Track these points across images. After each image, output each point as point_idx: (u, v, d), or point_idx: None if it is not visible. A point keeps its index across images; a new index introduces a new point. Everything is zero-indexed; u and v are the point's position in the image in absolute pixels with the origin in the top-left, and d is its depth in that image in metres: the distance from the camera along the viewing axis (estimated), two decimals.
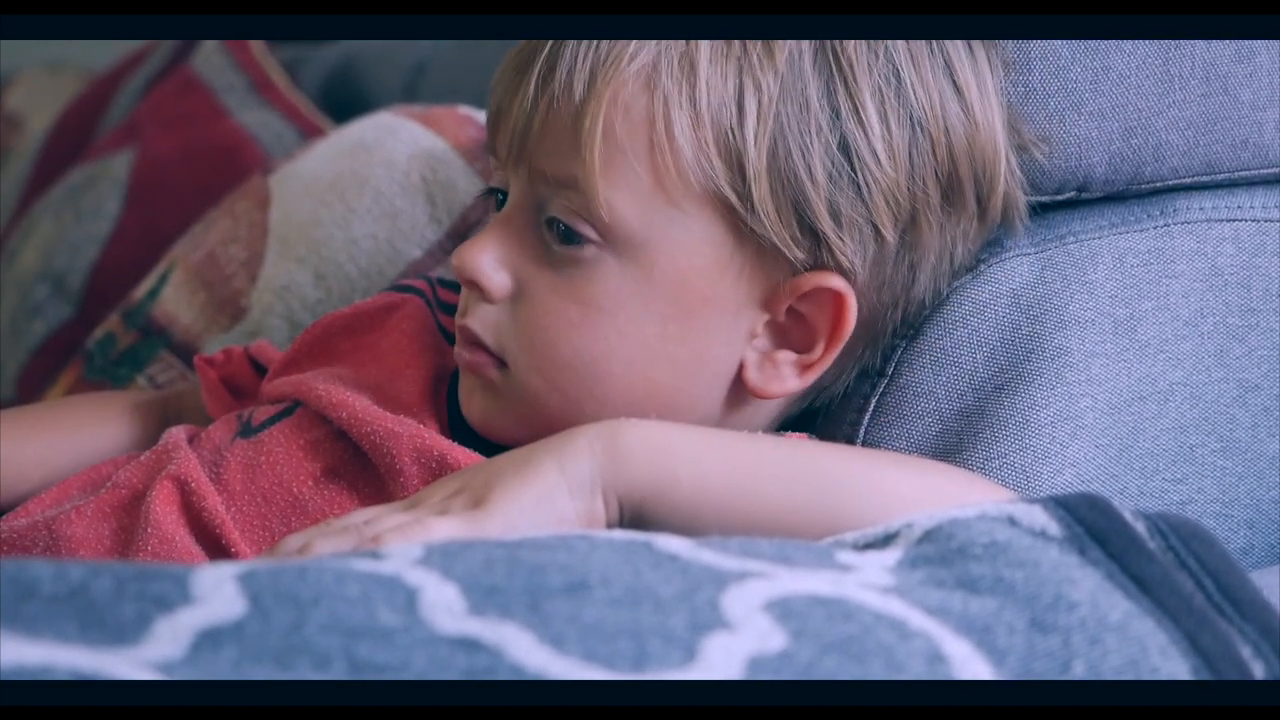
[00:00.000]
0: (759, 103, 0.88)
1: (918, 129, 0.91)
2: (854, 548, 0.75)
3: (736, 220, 0.90)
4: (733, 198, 0.89)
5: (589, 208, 0.89)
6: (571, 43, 0.89)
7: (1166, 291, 1.00)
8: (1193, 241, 1.01)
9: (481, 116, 1.23)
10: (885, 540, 0.75)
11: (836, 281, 0.91)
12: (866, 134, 0.89)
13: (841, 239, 0.90)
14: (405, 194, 1.18)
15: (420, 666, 0.59)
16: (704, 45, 0.88)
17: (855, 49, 0.89)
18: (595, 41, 0.89)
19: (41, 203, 1.59)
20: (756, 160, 0.88)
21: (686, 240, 0.90)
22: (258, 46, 1.61)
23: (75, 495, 0.96)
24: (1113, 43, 0.98)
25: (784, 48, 0.88)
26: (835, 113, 0.89)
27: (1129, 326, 0.99)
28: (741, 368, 0.93)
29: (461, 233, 1.16)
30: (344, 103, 1.57)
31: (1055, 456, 0.95)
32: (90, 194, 1.51)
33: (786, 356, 0.94)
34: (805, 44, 0.89)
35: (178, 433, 0.98)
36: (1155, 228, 1.01)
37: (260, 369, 1.06)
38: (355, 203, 1.19)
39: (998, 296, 0.98)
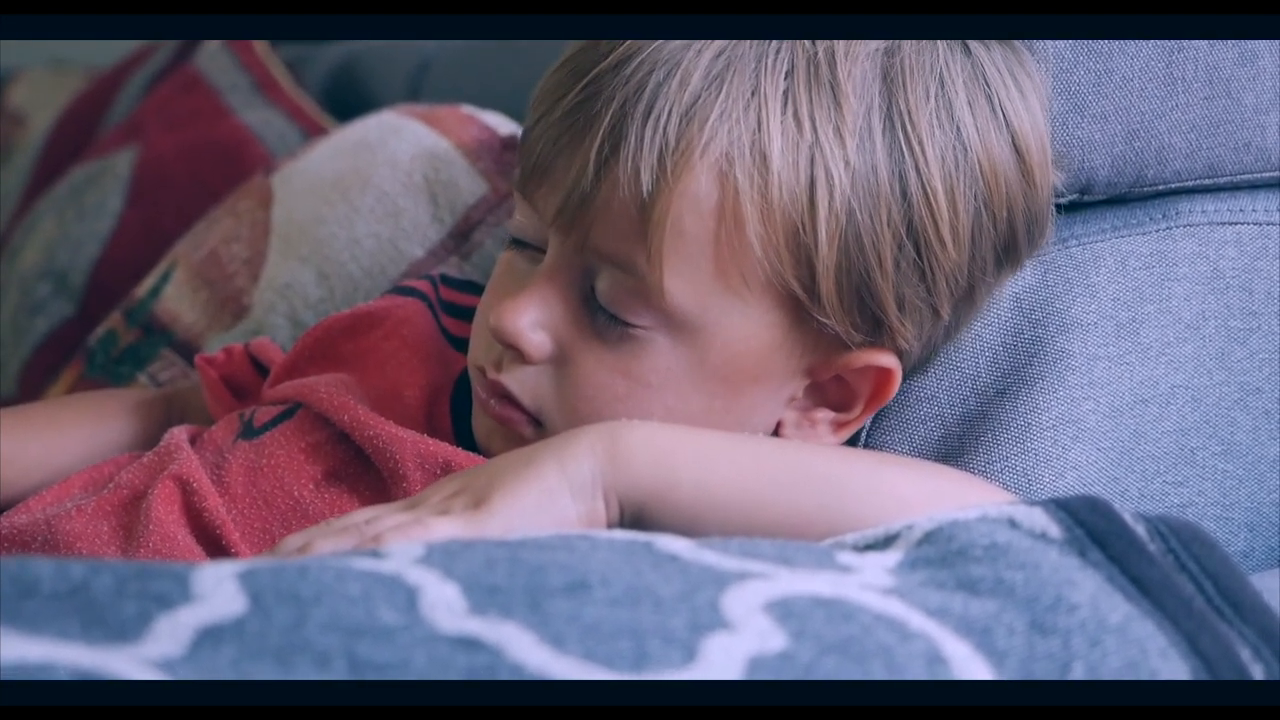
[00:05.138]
0: (831, 196, 0.86)
1: (983, 209, 0.89)
2: (854, 549, 0.75)
3: (798, 308, 0.88)
4: (797, 289, 0.87)
5: (646, 293, 0.87)
6: (635, 121, 0.85)
7: (1168, 294, 1.00)
8: (1195, 244, 1.01)
9: (484, 116, 1.22)
10: (886, 542, 0.75)
11: (888, 360, 0.91)
12: (935, 220, 0.87)
13: (903, 324, 0.89)
14: (408, 193, 1.18)
15: (420, 666, 0.59)
16: (775, 132, 0.85)
17: (929, 124, 0.87)
18: (661, 124, 0.85)
19: (44, 200, 1.59)
20: (827, 255, 0.86)
21: (743, 325, 0.89)
22: (261, 45, 1.61)
23: (77, 494, 0.96)
24: (1115, 45, 0.98)
25: (854, 130, 0.86)
26: (905, 198, 0.87)
27: (1131, 329, 0.99)
28: (779, 425, 0.93)
29: (463, 232, 1.16)
30: (347, 101, 1.57)
31: (1057, 460, 0.95)
32: (92, 192, 1.51)
33: (824, 415, 0.93)
34: (875, 117, 0.86)
35: (179, 433, 0.98)
36: (1157, 230, 1.01)
37: (260, 367, 1.06)
38: (358, 202, 1.18)
39: (1000, 300, 0.98)
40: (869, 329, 0.89)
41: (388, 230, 1.17)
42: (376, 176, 1.19)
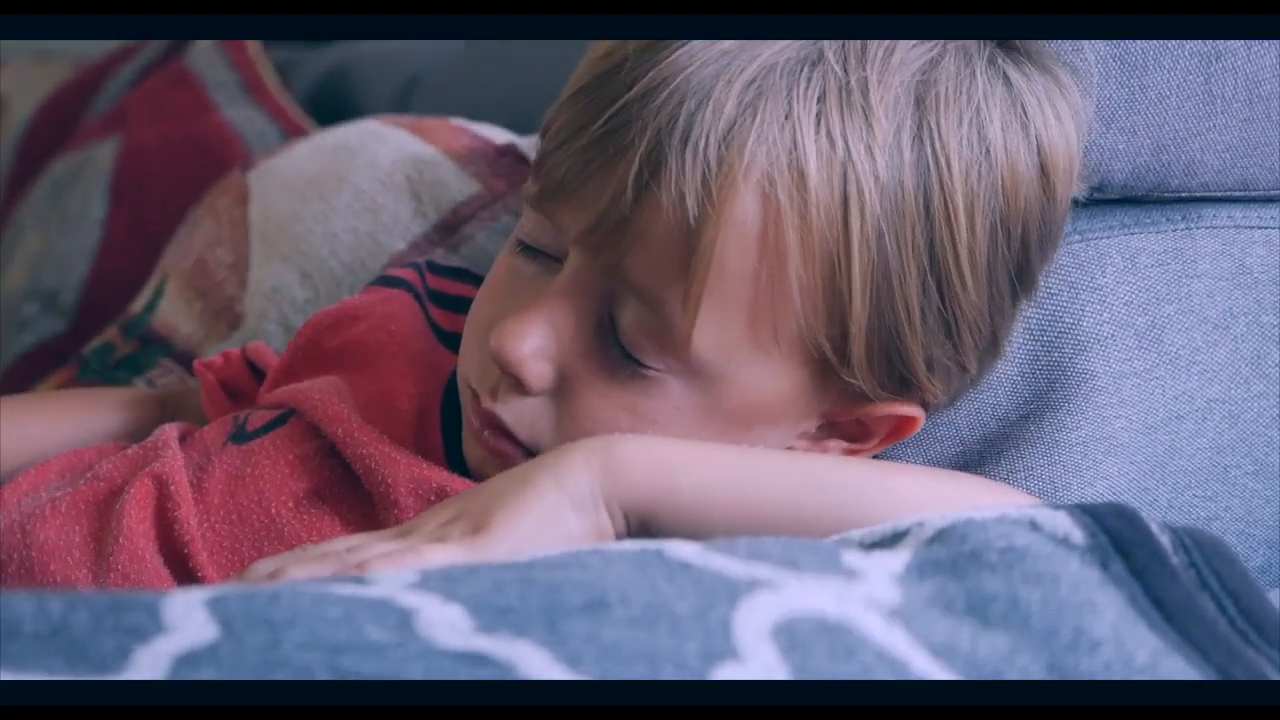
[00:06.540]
0: (862, 217, 0.84)
1: (999, 225, 0.87)
2: (861, 546, 0.74)
3: (824, 366, 0.87)
4: (828, 349, 0.86)
5: (670, 339, 0.85)
6: (673, 149, 0.83)
7: (1188, 293, 0.97)
8: (1218, 243, 0.98)
9: (476, 128, 1.21)
10: (894, 539, 0.74)
11: (912, 410, 0.90)
12: (954, 242, 0.86)
13: (932, 383, 0.88)
14: (387, 191, 1.17)
15: (417, 677, 0.59)
16: (810, 150, 0.84)
17: (958, 143, 0.85)
18: (700, 149, 0.83)
19: (25, 207, 1.59)
20: (859, 311, 0.84)
21: (764, 378, 0.87)
22: (253, 46, 1.62)
23: (53, 481, 0.95)
24: (1151, 59, 0.95)
25: (884, 147, 0.84)
26: (928, 214, 0.85)
27: (1153, 337, 0.96)
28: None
29: (451, 225, 1.15)
30: (333, 110, 1.57)
31: (1087, 470, 0.93)
32: (75, 192, 1.51)
33: (837, 445, 0.91)
34: (905, 134, 0.85)
35: (170, 429, 0.97)
36: (1174, 230, 0.99)
37: (258, 372, 1.05)
38: (333, 199, 1.18)
39: None
40: (895, 387, 0.88)
41: (366, 225, 1.17)
42: (353, 175, 1.19)
